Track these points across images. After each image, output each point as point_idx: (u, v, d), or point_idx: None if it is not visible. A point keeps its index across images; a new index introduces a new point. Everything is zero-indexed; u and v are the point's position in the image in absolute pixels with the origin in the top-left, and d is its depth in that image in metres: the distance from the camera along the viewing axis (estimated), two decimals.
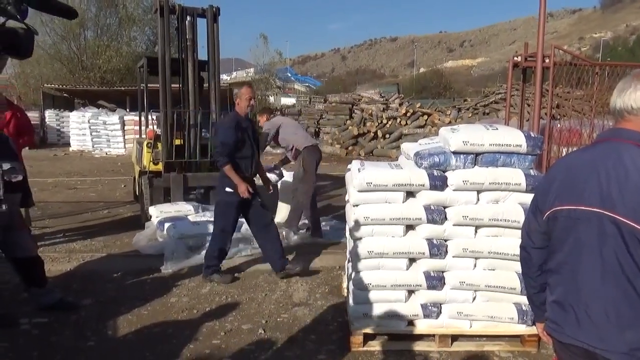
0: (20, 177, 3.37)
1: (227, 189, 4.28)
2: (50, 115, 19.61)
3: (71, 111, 19.01)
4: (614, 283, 1.43)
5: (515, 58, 5.70)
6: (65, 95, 22.70)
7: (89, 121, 16.92)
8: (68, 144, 17.66)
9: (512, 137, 3.11)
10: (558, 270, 1.61)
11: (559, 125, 5.52)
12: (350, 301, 3.31)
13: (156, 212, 5.61)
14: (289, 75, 44.79)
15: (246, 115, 4.39)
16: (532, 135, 3.19)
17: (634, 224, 1.38)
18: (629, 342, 1.42)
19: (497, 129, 3.21)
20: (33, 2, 1.53)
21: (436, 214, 3.11)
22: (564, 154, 5.10)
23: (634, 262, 1.39)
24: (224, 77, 35.62)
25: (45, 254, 4.89)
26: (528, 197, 3.13)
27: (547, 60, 5.06)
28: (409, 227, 3.21)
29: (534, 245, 1.72)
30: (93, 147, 16.95)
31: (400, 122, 16.20)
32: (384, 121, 16.17)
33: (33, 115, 14.28)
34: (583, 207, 1.50)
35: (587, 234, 1.49)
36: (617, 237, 1.41)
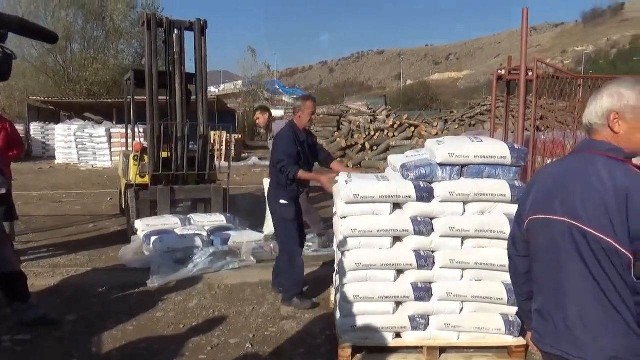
0: (4, 191, 3.33)
1: (282, 201, 4.11)
2: (35, 128, 19.41)
3: (57, 124, 18.83)
4: (586, 291, 1.46)
5: (499, 71, 5.80)
6: (51, 107, 22.50)
7: (75, 134, 16.78)
8: (53, 157, 17.47)
9: (496, 149, 3.15)
10: (537, 279, 1.66)
11: (542, 137, 5.60)
12: (338, 314, 3.30)
13: (142, 226, 5.56)
14: (277, 87, 44.93)
15: (304, 128, 4.26)
16: (516, 147, 3.23)
17: (597, 233, 1.42)
18: (605, 350, 1.43)
19: (481, 141, 3.25)
20: (13, 27, 1.53)
21: (423, 226, 3.13)
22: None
23: (602, 269, 1.43)
24: (212, 89, 35.62)
25: (28, 268, 4.81)
26: (513, 208, 3.17)
27: (530, 74, 5.14)
28: (396, 239, 3.23)
29: (518, 254, 1.77)
30: (79, 160, 16.78)
31: (387, 134, 16.30)
32: (372, 133, 16.26)
33: (18, 128, 14.12)
34: (553, 217, 1.54)
35: (558, 243, 1.53)
36: (585, 245, 1.46)
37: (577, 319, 1.48)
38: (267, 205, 4.63)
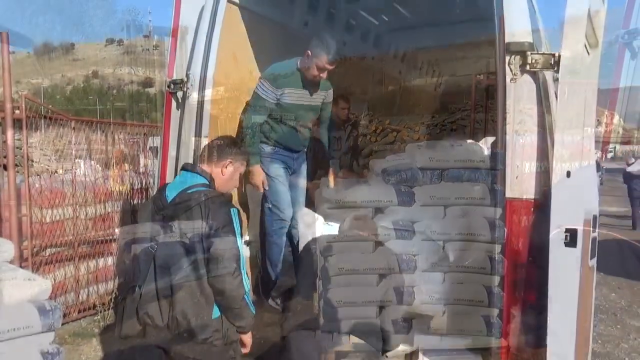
0: None
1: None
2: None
3: (35, 132, 18.51)
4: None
5: (478, 76, 5.88)
6: (28, 115, 22.14)
7: (54, 142, 16.49)
8: (32, 166, 17.14)
9: (475, 153, 3.19)
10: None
11: (521, 141, 5.68)
12: (322, 319, 3.29)
13: (123, 234, 5.48)
14: (260, 93, 44.81)
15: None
16: (495, 150, 3.27)
17: None
18: None
19: (461, 145, 3.29)
20: None
21: (405, 230, 3.15)
22: (526, 168, 5.22)
23: None
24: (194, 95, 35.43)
25: (4, 281, 4.70)
26: (493, 211, 3.21)
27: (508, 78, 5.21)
28: (378, 243, 3.24)
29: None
30: (59, 168, 16.50)
31: (370, 139, 16.38)
32: None
33: None
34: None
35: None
36: None
37: None
38: (250, 211, 4.59)
